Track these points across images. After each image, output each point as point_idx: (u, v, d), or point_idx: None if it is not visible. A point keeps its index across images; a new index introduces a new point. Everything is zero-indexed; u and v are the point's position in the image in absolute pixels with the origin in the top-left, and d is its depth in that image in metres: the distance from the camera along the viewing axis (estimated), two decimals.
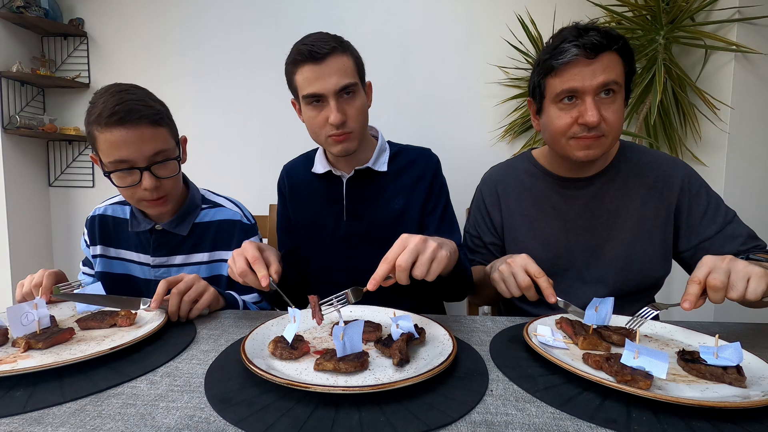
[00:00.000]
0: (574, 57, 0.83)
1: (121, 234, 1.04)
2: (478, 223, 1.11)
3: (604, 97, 0.85)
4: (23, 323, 0.66)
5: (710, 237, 0.93)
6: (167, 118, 0.94)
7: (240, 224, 1.06)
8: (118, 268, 1.05)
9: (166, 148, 0.91)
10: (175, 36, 2.18)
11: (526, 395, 0.53)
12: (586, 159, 0.89)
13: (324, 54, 0.90)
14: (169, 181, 0.92)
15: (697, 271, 0.67)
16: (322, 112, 0.94)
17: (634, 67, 0.89)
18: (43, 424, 0.46)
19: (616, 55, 0.85)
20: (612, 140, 0.88)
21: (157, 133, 0.89)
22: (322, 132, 0.96)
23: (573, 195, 0.99)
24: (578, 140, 0.88)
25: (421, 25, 2.06)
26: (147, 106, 0.88)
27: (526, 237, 1.02)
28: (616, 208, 0.97)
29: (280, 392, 0.52)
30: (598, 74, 0.83)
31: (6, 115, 2.08)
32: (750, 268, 0.65)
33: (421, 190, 1.06)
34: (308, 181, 1.10)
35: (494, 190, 1.09)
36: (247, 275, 0.75)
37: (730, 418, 0.47)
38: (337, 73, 0.91)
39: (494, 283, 0.82)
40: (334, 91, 0.91)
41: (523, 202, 1.04)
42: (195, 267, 1.03)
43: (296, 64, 0.93)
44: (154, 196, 0.91)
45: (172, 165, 0.92)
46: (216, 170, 2.21)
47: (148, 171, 0.88)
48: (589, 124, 0.84)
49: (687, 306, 0.65)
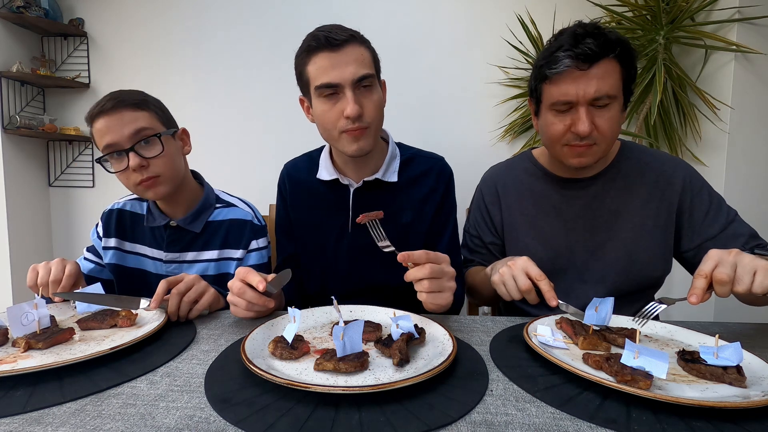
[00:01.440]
0: (566, 68, 0.83)
1: (136, 229, 1.07)
2: (478, 222, 1.11)
3: (598, 106, 0.85)
4: (23, 323, 0.66)
5: (713, 237, 0.93)
6: (153, 105, 0.96)
7: (251, 224, 1.07)
8: (131, 262, 1.07)
9: (147, 127, 0.92)
10: (175, 36, 2.18)
11: (526, 395, 0.53)
12: (579, 166, 0.90)
13: (341, 41, 0.84)
14: (158, 161, 0.93)
15: (704, 264, 0.67)
16: (336, 104, 0.87)
17: (634, 72, 0.88)
18: (43, 424, 0.46)
19: (613, 63, 0.83)
20: (605, 147, 0.89)
21: (138, 115, 0.92)
22: (335, 128, 0.88)
23: (574, 195, 0.99)
24: (571, 148, 0.89)
25: (421, 25, 2.06)
26: (130, 95, 0.93)
27: (526, 236, 1.02)
28: (617, 208, 0.96)
29: (280, 392, 0.52)
30: (591, 86, 0.82)
31: (6, 115, 2.08)
32: (757, 261, 0.65)
33: (431, 205, 1.01)
34: (312, 186, 1.04)
35: (494, 190, 1.08)
36: (245, 292, 0.74)
37: (730, 418, 0.47)
38: (354, 62, 0.85)
39: (494, 285, 0.81)
40: (352, 81, 0.85)
41: (523, 202, 1.04)
42: (205, 264, 1.04)
43: (310, 51, 0.86)
44: (144, 176, 0.92)
45: (155, 143, 0.93)
46: (216, 169, 2.20)
47: (133, 151, 0.90)
48: (581, 134, 0.85)
49: (694, 300, 0.66)
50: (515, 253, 1.02)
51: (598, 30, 0.83)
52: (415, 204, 1.01)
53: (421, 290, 0.71)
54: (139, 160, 0.91)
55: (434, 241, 1.03)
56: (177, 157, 0.99)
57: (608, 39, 0.82)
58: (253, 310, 0.76)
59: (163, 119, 0.97)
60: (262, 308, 0.77)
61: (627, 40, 0.86)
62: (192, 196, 1.06)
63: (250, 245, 1.06)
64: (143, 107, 0.93)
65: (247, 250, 1.05)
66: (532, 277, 0.75)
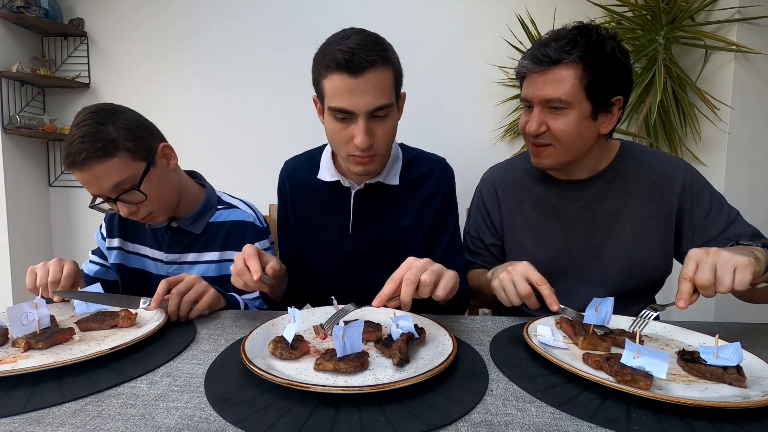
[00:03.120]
0: (524, 70, 0.89)
1: (138, 230, 1.07)
2: (479, 224, 1.11)
3: (552, 108, 0.87)
4: (23, 323, 0.66)
5: (714, 237, 0.92)
6: (123, 141, 0.87)
7: (252, 226, 1.07)
8: (133, 262, 1.07)
9: (124, 179, 0.87)
10: (175, 36, 2.18)
11: (526, 395, 0.53)
12: (538, 166, 0.95)
13: (363, 67, 0.78)
14: (145, 203, 0.91)
15: (686, 267, 0.67)
16: (347, 129, 0.84)
17: (604, 75, 0.84)
18: (43, 424, 0.46)
19: (573, 68, 0.83)
20: (563, 151, 0.89)
21: (110, 166, 0.85)
22: (343, 149, 0.87)
23: (572, 197, 0.99)
24: (532, 146, 0.93)
25: (421, 25, 2.06)
26: (96, 141, 0.84)
27: (526, 239, 1.02)
28: (617, 209, 0.96)
29: (280, 392, 0.52)
30: (545, 88, 0.85)
31: (6, 115, 2.08)
32: (735, 258, 0.64)
33: (432, 207, 1.01)
34: (312, 186, 1.02)
35: (493, 191, 1.08)
36: (244, 273, 0.75)
37: (730, 418, 0.47)
38: (373, 91, 0.80)
39: (494, 291, 0.81)
40: (366, 111, 0.81)
41: (523, 203, 1.04)
42: (205, 265, 1.04)
43: (328, 69, 0.80)
44: (139, 218, 0.93)
45: (136, 193, 0.89)
46: (216, 169, 2.20)
47: (120, 201, 0.89)
48: (528, 133, 0.90)
49: (682, 305, 0.65)
50: (514, 255, 1.02)
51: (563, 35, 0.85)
52: (416, 207, 1.00)
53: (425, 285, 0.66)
54: (127, 207, 0.90)
55: (434, 243, 1.03)
56: (164, 185, 0.95)
57: (574, 44, 0.83)
58: (249, 289, 0.78)
59: (137, 151, 0.89)
60: (256, 289, 0.79)
61: (600, 47, 0.83)
62: (192, 198, 1.05)
63: None
64: (112, 153, 0.85)
65: None
66: (533, 281, 0.74)
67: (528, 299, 0.75)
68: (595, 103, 0.86)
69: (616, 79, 0.86)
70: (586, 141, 0.89)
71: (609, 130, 0.91)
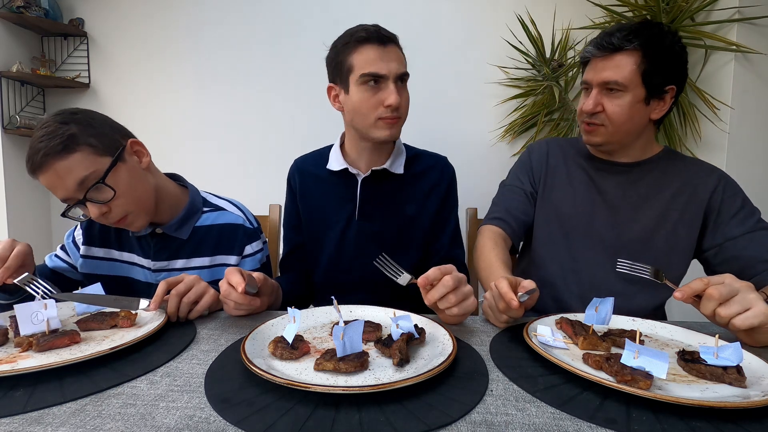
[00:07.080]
0: (588, 55, 0.97)
1: (123, 237, 1.03)
2: (519, 172, 1.14)
3: (610, 91, 0.93)
4: (33, 322, 0.66)
5: (734, 237, 0.93)
6: (83, 136, 0.83)
7: (242, 228, 1.04)
8: (120, 271, 1.03)
9: (88, 174, 0.83)
10: (175, 36, 2.18)
11: (526, 395, 0.53)
12: (588, 143, 1.02)
13: (389, 39, 0.96)
14: (117, 201, 0.86)
15: (712, 276, 0.66)
16: (377, 94, 0.96)
17: (661, 64, 0.91)
18: (43, 424, 0.46)
19: (633, 56, 0.90)
20: (613, 131, 0.96)
21: (71, 163, 0.81)
22: (372, 114, 0.97)
23: (610, 175, 1.04)
24: (584, 124, 1.00)
25: (420, 25, 2.06)
26: (54, 137, 0.80)
27: (559, 191, 1.07)
28: (647, 194, 1.01)
29: (280, 392, 0.52)
30: (605, 72, 0.93)
31: (6, 115, 2.08)
32: (760, 303, 0.62)
33: (434, 200, 1.08)
34: (321, 177, 1.10)
35: (545, 148, 1.14)
36: (230, 293, 0.75)
37: (730, 418, 0.47)
38: (397, 59, 0.96)
39: (485, 316, 0.80)
40: (396, 74, 0.95)
41: (566, 163, 1.10)
42: (196, 271, 1.01)
43: (360, 42, 0.95)
44: (112, 221, 0.88)
45: (103, 188, 0.84)
46: (216, 169, 2.21)
47: (89, 201, 0.84)
48: (585, 111, 0.97)
49: (678, 295, 0.65)
50: (543, 205, 1.08)
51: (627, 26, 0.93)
52: (419, 197, 1.07)
53: (449, 305, 0.69)
54: (98, 208, 0.85)
55: (436, 236, 1.07)
56: (137, 183, 0.90)
57: (636, 33, 0.90)
58: (241, 309, 0.78)
59: (101, 146, 0.85)
60: (249, 307, 0.79)
61: (660, 39, 0.90)
62: (174, 202, 1.01)
63: (244, 251, 1.04)
64: (72, 149, 0.81)
65: (242, 256, 1.03)
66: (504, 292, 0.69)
67: (509, 313, 0.71)
68: (650, 89, 0.92)
69: (671, 69, 0.92)
70: (635, 124, 0.96)
71: (660, 116, 0.97)
